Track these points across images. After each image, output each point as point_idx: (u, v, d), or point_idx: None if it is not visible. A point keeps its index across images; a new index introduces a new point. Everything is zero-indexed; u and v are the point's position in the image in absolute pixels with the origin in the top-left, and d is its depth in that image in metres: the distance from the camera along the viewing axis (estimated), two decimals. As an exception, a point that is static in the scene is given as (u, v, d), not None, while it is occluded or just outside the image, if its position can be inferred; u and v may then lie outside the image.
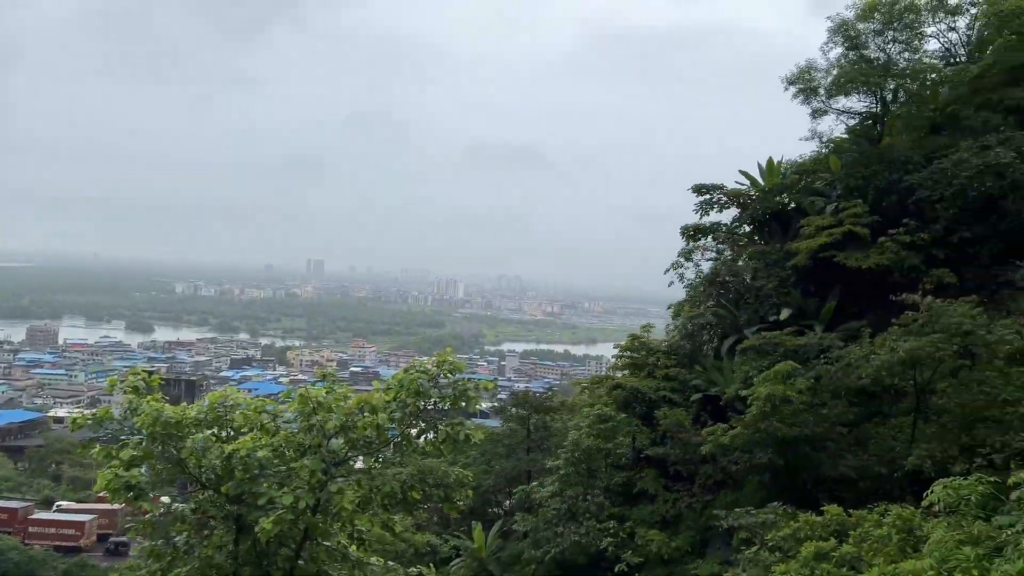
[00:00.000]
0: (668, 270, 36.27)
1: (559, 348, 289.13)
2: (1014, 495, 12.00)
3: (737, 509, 20.67)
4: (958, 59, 35.59)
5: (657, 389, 30.65)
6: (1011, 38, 30.72)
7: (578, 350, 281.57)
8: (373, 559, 12.39)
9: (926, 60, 32.68)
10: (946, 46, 36.15)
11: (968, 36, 35.62)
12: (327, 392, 11.66)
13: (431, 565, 17.36)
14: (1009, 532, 11.45)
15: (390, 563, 12.88)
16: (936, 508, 12.50)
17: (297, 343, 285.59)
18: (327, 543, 11.60)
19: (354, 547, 11.81)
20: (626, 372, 33.93)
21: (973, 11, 34.09)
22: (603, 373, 42.34)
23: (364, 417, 11.10)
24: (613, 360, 38.61)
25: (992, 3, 32.51)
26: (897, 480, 21.53)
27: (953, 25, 35.41)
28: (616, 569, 25.25)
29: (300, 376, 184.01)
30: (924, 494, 12.86)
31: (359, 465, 12.11)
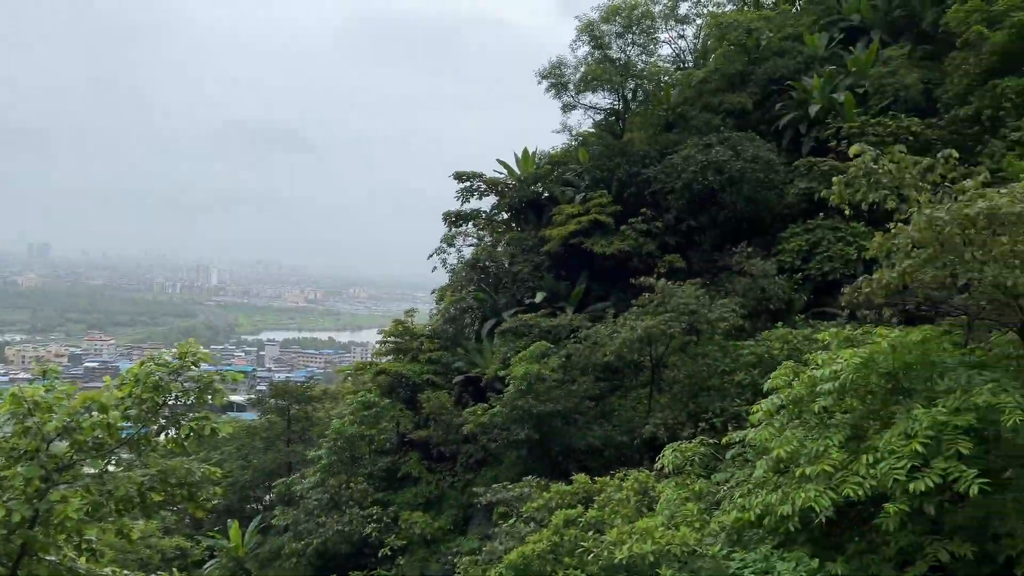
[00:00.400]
0: (431, 255, 36.81)
1: (323, 336, 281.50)
2: (729, 454, 13.58)
3: (495, 485, 21.49)
4: (686, 64, 39.50)
5: (421, 373, 31.07)
6: (730, 48, 34.57)
7: (343, 337, 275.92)
8: (107, 570, 11.24)
9: (660, 63, 35.85)
10: (677, 52, 40.03)
11: (695, 44, 39.65)
12: (47, 390, 10.34)
13: (174, 570, 16.18)
14: (725, 487, 12.95)
15: (126, 572, 11.76)
16: (667, 470, 13.83)
17: (18, 338, 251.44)
18: (50, 557, 10.33)
19: (83, 559, 10.64)
20: (390, 358, 33.93)
21: (699, 22, 37.94)
22: (368, 360, 41.89)
23: (92, 417, 9.99)
24: (377, 346, 38.40)
25: (714, 16, 36.38)
26: (637, 447, 23.65)
27: (682, 33, 39.26)
28: (380, 554, 25.23)
29: (22, 375, 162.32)
30: (657, 458, 14.19)
31: (89, 470, 10.91)
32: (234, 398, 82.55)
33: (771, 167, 29.10)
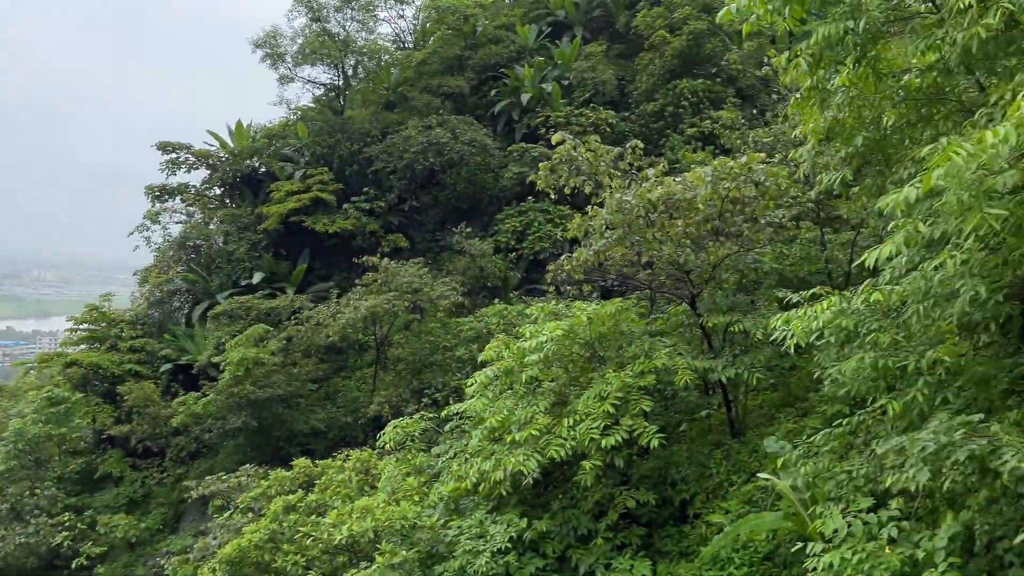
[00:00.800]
0: (132, 233, 33.36)
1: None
2: (447, 426, 14.08)
3: (209, 477, 20.33)
4: (407, 45, 39.77)
5: (121, 363, 28.33)
6: (448, 32, 35.40)
7: (26, 326, 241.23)
8: None
9: (381, 42, 35.67)
10: (397, 31, 40.13)
11: (415, 25, 40.01)
12: None
13: None
14: (444, 459, 13.42)
15: None
16: (389, 447, 14.01)
17: None
18: None
19: None
20: (84, 347, 30.43)
21: (418, 3, 38.30)
22: (56, 350, 37.17)
23: None
24: (67, 335, 34.21)
25: (432, -1, 36.99)
26: (362, 426, 23.71)
27: (402, 13, 39.46)
28: (74, 564, 22.72)
29: None
30: (378, 436, 14.32)
31: None
32: None
33: (487, 151, 30.43)
